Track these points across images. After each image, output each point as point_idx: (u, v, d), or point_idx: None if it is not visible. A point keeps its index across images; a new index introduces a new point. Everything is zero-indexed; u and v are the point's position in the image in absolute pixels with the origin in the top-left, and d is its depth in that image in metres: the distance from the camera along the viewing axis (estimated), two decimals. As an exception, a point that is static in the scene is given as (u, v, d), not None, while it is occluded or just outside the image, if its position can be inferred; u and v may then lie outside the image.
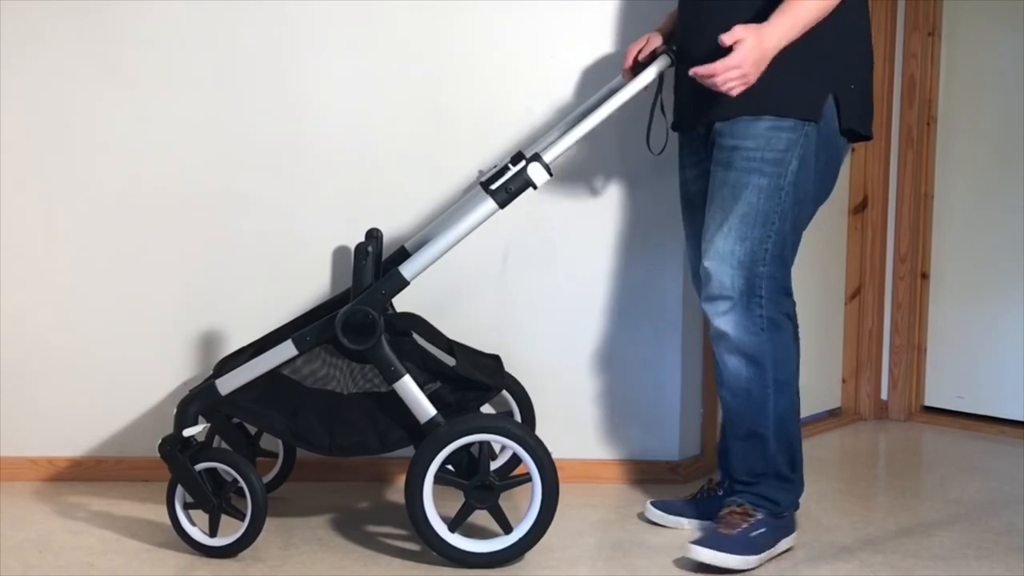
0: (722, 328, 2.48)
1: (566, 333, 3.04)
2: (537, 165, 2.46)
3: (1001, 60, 3.61)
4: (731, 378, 2.52)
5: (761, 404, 2.51)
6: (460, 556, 2.48)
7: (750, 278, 2.46)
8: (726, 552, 2.45)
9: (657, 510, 2.76)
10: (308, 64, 2.97)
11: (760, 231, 2.44)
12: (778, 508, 2.56)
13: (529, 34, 2.97)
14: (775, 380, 2.51)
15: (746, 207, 2.44)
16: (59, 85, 2.95)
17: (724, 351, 2.51)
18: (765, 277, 2.46)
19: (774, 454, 2.54)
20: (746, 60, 2.31)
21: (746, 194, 2.44)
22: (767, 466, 2.55)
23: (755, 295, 2.46)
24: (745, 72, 2.31)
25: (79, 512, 2.80)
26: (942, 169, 3.73)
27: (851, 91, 2.47)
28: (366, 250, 2.49)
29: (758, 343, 2.47)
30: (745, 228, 2.44)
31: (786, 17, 2.35)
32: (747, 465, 2.57)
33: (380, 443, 2.51)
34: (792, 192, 2.45)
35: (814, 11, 2.36)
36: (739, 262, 2.45)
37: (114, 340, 3.01)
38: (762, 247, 2.45)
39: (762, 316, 2.47)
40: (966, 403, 3.75)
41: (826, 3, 2.37)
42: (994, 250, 3.66)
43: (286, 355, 2.50)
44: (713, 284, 2.48)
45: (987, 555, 2.61)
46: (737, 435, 2.57)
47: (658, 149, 2.75)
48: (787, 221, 2.46)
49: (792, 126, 2.42)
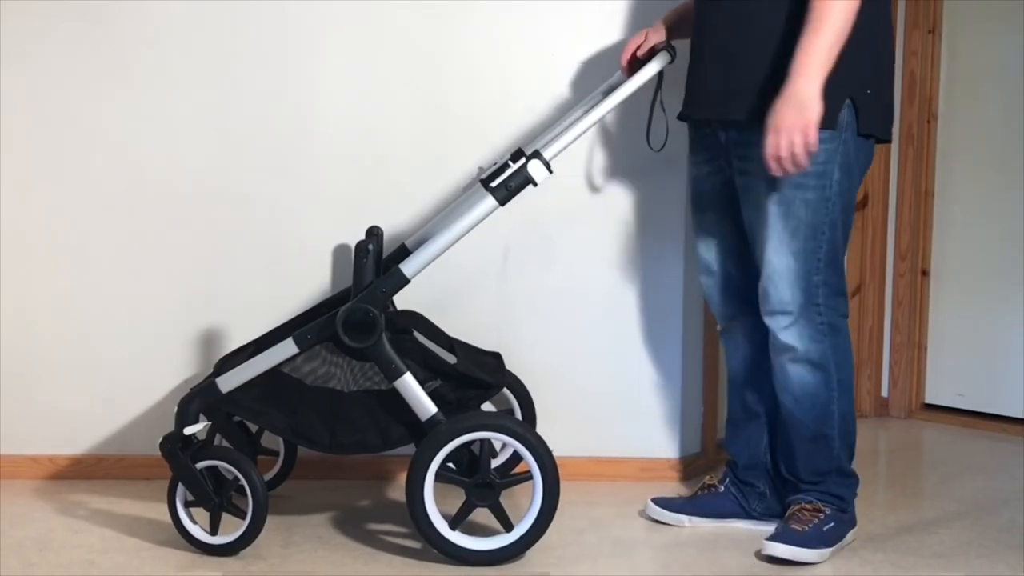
0: (787, 341, 2.51)
1: (567, 330, 3.04)
2: (537, 162, 2.46)
3: (1002, 58, 3.61)
4: (796, 386, 2.54)
5: (827, 407, 2.55)
6: (461, 554, 2.48)
7: (807, 289, 2.48)
8: (802, 547, 2.51)
9: (658, 507, 2.76)
10: (309, 62, 2.97)
11: (812, 243, 2.46)
12: (843, 504, 2.60)
13: (529, 32, 2.97)
14: (839, 382, 2.55)
15: (795, 222, 2.45)
16: (59, 84, 2.94)
17: (788, 361, 2.54)
18: (820, 285, 2.49)
19: (838, 452, 2.59)
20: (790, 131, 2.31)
21: (793, 209, 2.45)
22: (831, 464, 2.59)
23: (813, 303, 2.49)
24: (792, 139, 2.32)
25: (80, 510, 2.80)
26: (943, 167, 3.73)
27: (868, 96, 2.45)
28: (366, 248, 2.49)
29: (822, 350, 2.51)
30: (797, 243, 2.46)
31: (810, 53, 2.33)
32: (813, 466, 2.60)
33: (381, 441, 2.51)
34: (839, 201, 2.46)
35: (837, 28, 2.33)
36: (795, 276, 2.47)
37: (115, 338, 3.01)
38: (814, 258, 2.47)
39: (823, 323, 2.51)
40: (967, 401, 3.74)
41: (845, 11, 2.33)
42: (995, 248, 3.66)
43: (287, 353, 2.50)
44: (773, 301, 2.51)
45: (988, 553, 2.61)
46: (804, 437, 2.59)
47: (658, 146, 2.75)
48: (837, 229, 2.48)
49: (828, 136, 2.41)
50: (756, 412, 2.72)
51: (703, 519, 2.73)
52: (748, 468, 2.73)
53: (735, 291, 2.67)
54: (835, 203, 2.46)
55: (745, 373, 2.72)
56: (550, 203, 2.96)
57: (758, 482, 2.73)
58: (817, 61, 2.33)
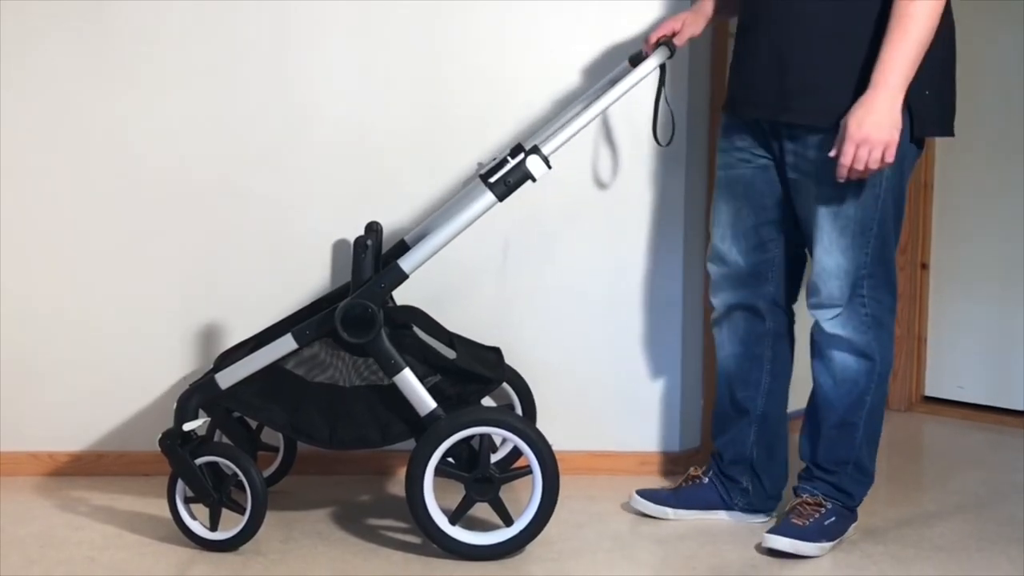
0: (833, 331, 2.54)
1: (566, 326, 3.04)
2: (536, 158, 2.45)
3: (1002, 51, 3.60)
4: (839, 369, 2.56)
5: (862, 395, 2.57)
6: (461, 549, 2.48)
7: (855, 283, 2.50)
8: (802, 540, 2.52)
9: (642, 499, 2.78)
10: (307, 58, 2.97)
11: (860, 239, 2.47)
12: (851, 501, 2.61)
13: (529, 27, 2.97)
14: (880, 375, 2.57)
15: (844, 220, 2.46)
16: (58, 82, 2.94)
17: (833, 348, 2.55)
18: (866, 278, 2.50)
19: (860, 443, 2.59)
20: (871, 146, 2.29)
21: (844, 208, 2.45)
22: (851, 454, 2.59)
23: (858, 296, 2.51)
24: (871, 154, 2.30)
25: (80, 507, 2.81)
26: (942, 159, 3.73)
27: (926, 97, 2.41)
28: (365, 243, 2.49)
29: (867, 341, 2.53)
30: (845, 240, 2.47)
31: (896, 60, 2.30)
32: (833, 453, 2.60)
33: (381, 436, 2.51)
34: (888, 198, 2.46)
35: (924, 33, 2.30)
36: (844, 272, 2.49)
37: (114, 335, 3.00)
38: (863, 253, 2.48)
39: (868, 315, 2.52)
40: (967, 393, 3.74)
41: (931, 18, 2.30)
42: (995, 240, 3.66)
43: (286, 349, 2.49)
44: (822, 295, 2.52)
45: (988, 546, 2.62)
46: (831, 423, 2.59)
47: (665, 140, 2.74)
48: (886, 225, 2.48)
49: None
50: (745, 409, 2.72)
51: (687, 511, 2.74)
52: (733, 463, 2.74)
53: (741, 282, 2.67)
54: (885, 200, 2.45)
55: (735, 367, 2.72)
56: (549, 198, 2.96)
57: (741, 477, 2.73)
58: (902, 70, 2.30)
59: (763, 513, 2.75)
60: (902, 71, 2.30)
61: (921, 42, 2.30)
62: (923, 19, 2.29)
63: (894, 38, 2.30)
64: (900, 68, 2.30)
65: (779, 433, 2.75)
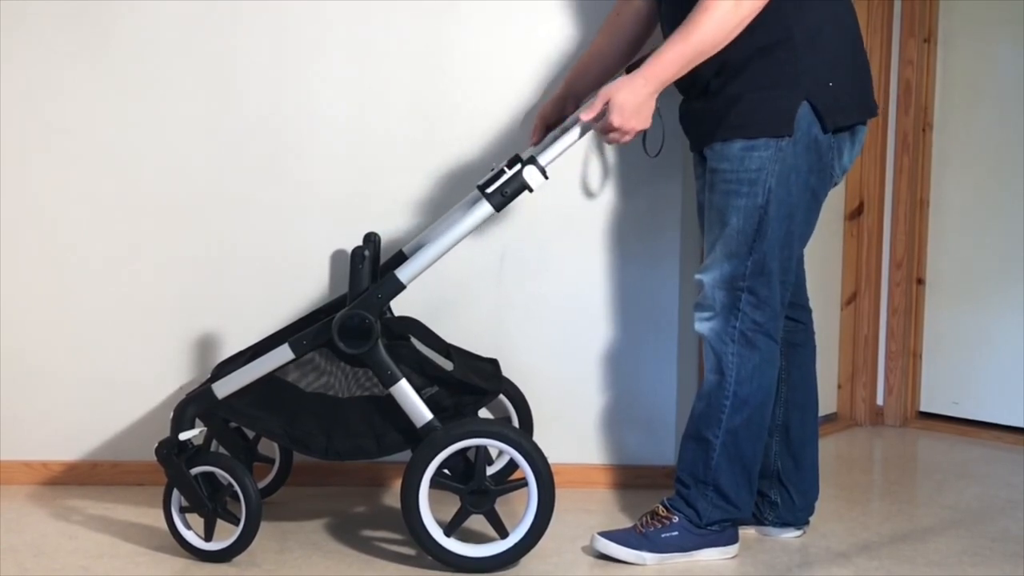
0: (699, 330, 2.56)
1: (563, 337, 3.04)
2: (533, 168, 2.46)
3: (998, 66, 3.62)
4: (705, 381, 2.58)
5: (715, 412, 2.53)
6: (456, 561, 2.48)
7: (731, 292, 2.50)
8: (620, 545, 2.54)
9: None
10: (305, 67, 2.97)
11: (743, 249, 2.47)
12: (698, 520, 2.55)
13: (527, 38, 2.97)
14: (734, 394, 2.52)
15: (727, 229, 2.48)
16: (56, 88, 2.94)
17: (705, 353, 2.58)
18: (745, 291, 2.49)
19: (717, 466, 2.54)
20: (621, 116, 2.38)
21: (727, 216, 2.48)
22: (707, 475, 2.54)
23: (735, 308, 2.50)
24: (624, 129, 2.41)
25: (75, 516, 2.80)
26: (938, 175, 3.74)
27: (829, 89, 2.43)
28: (363, 254, 2.49)
29: (725, 354, 2.52)
30: (728, 247, 2.49)
31: (665, 57, 2.37)
32: (687, 465, 2.57)
33: (377, 447, 2.51)
34: (774, 209, 2.45)
35: (702, 44, 2.35)
36: (723, 279, 2.50)
37: (110, 344, 3.00)
38: (743, 264, 2.48)
39: (735, 328, 2.51)
40: (962, 409, 3.74)
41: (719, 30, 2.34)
42: (990, 256, 3.66)
43: (283, 359, 2.49)
44: (702, 295, 2.55)
45: (983, 561, 2.61)
46: (689, 433, 2.59)
47: (654, 151, 2.75)
48: (766, 240, 2.47)
49: (763, 145, 2.42)
50: None
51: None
52: (759, 477, 2.67)
53: None
54: (767, 211, 2.45)
55: None
56: (546, 209, 2.96)
57: (770, 491, 2.70)
58: (668, 71, 2.38)
59: (793, 527, 2.72)
60: (668, 72, 2.38)
61: (699, 50, 2.35)
62: (709, 30, 2.34)
63: (676, 38, 2.36)
64: (667, 68, 2.37)
65: (805, 443, 2.71)
